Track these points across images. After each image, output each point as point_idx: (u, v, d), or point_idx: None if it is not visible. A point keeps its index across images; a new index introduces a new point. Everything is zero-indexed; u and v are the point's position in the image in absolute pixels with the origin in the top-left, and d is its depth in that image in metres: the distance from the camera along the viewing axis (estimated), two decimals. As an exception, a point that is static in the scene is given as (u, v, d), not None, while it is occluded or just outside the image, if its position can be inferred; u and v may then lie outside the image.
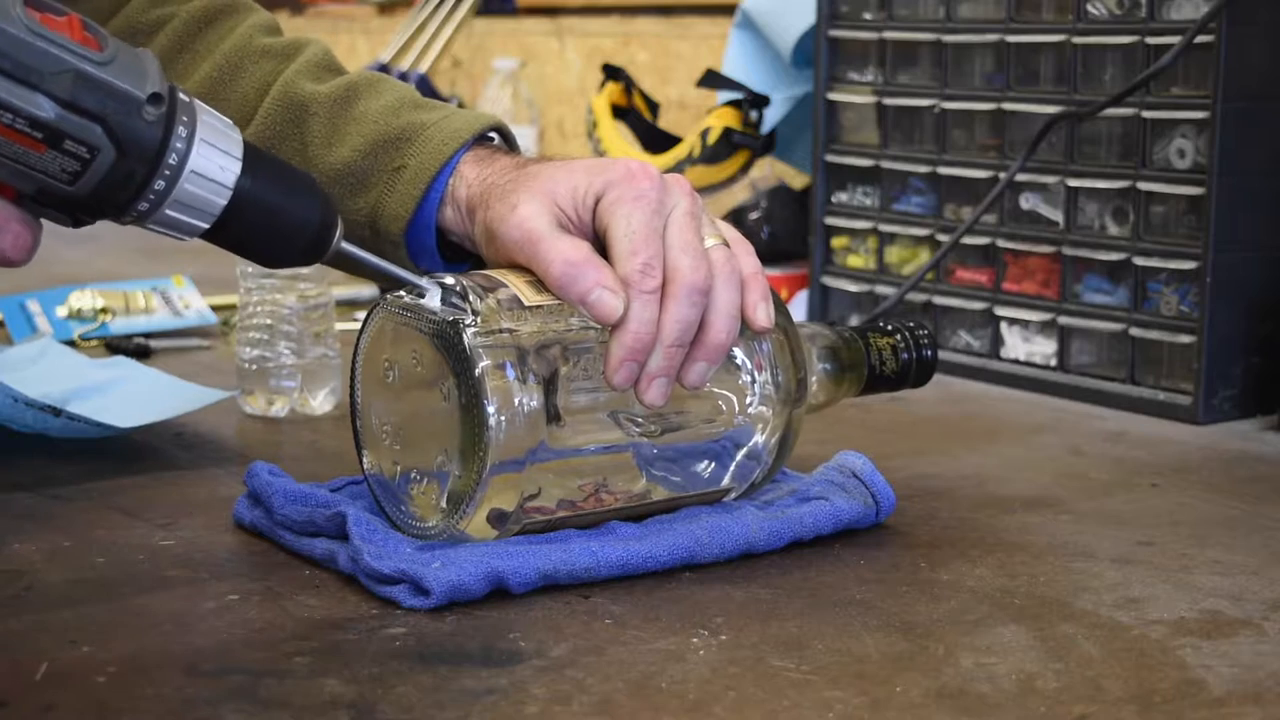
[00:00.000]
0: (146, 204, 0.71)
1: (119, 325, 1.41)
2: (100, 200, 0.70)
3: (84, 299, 1.43)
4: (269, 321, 1.12)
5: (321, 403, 1.14)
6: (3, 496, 0.92)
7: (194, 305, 1.47)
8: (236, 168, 0.73)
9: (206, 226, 0.73)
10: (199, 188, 0.72)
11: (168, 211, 0.72)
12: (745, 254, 0.84)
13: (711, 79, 1.73)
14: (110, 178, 0.69)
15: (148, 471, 0.98)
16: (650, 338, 0.78)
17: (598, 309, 0.78)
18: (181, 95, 0.72)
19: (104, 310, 1.42)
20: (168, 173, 0.70)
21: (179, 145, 0.71)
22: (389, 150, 0.89)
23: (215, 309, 1.48)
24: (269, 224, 0.74)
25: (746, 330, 0.83)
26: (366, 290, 1.58)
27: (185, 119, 0.71)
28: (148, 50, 0.72)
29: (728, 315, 0.80)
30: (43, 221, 0.71)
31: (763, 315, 0.82)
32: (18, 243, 0.70)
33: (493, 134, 0.92)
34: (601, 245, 0.81)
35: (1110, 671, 0.68)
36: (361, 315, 1.49)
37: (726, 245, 0.82)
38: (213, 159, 0.72)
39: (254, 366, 1.13)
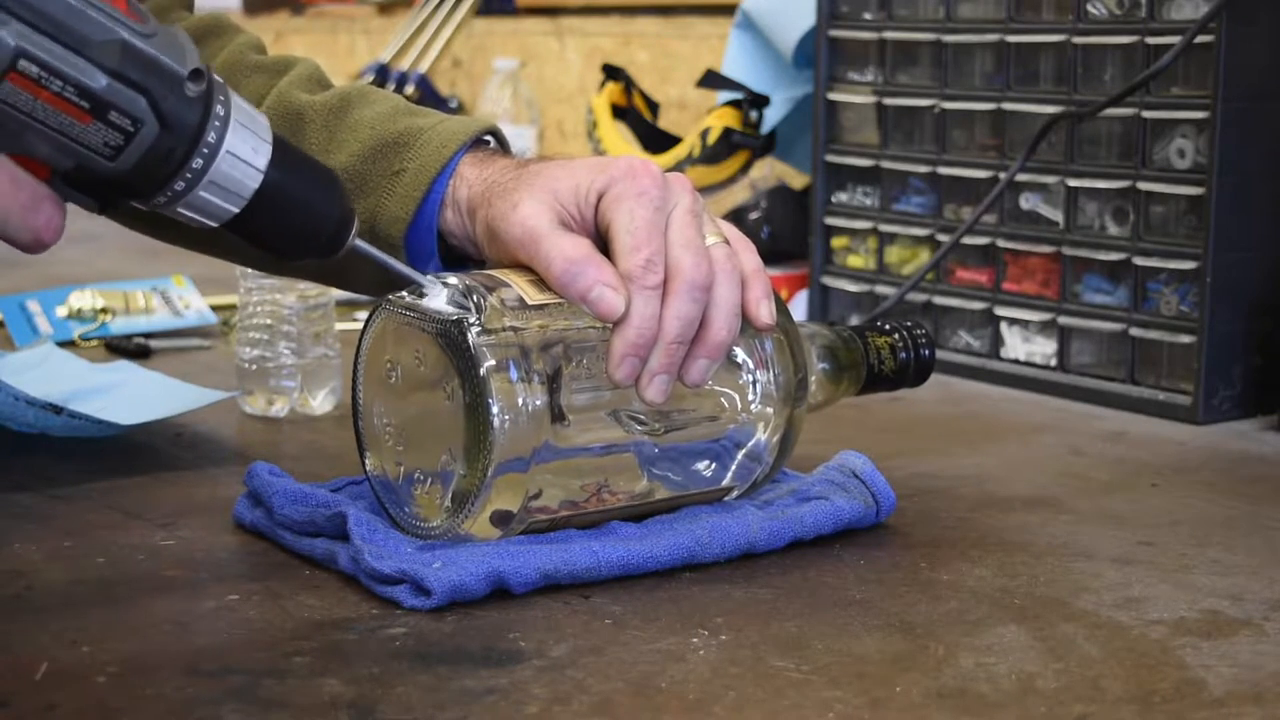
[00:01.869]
0: (183, 183, 0.71)
1: (119, 325, 1.41)
2: (138, 178, 0.70)
3: (84, 299, 1.43)
4: (269, 321, 1.12)
5: (321, 403, 1.14)
6: (3, 496, 0.92)
7: (194, 305, 1.47)
8: (268, 151, 0.73)
9: (236, 211, 0.73)
10: (233, 168, 0.72)
11: (201, 193, 0.71)
12: (747, 252, 0.84)
13: (711, 79, 1.73)
14: (151, 153, 0.69)
15: (148, 471, 0.98)
16: (652, 333, 0.78)
17: (599, 306, 0.78)
18: (215, 76, 0.72)
19: (104, 310, 1.42)
20: (206, 150, 0.70)
21: (216, 124, 0.71)
22: (387, 155, 0.89)
23: (215, 309, 1.48)
24: (292, 214, 0.74)
25: (748, 329, 0.83)
26: (366, 290, 1.58)
27: (221, 99, 0.71)
28: (182, 30, 0.72)
29: (729, 312, 0.80)
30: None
31: (765, 312, 0.82)
32: (50, 224, 0.69)
33: (488, 137, 0.92)
34: (603, 243, 0.81)
35: (1110, 671, 0.68)
36: (362, 315, 1.49)
37: (727, 243, 0.82)
38: (247, 140, 0.72)
39: (254, 366, 1.13)
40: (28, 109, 0.66)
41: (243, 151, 0.72)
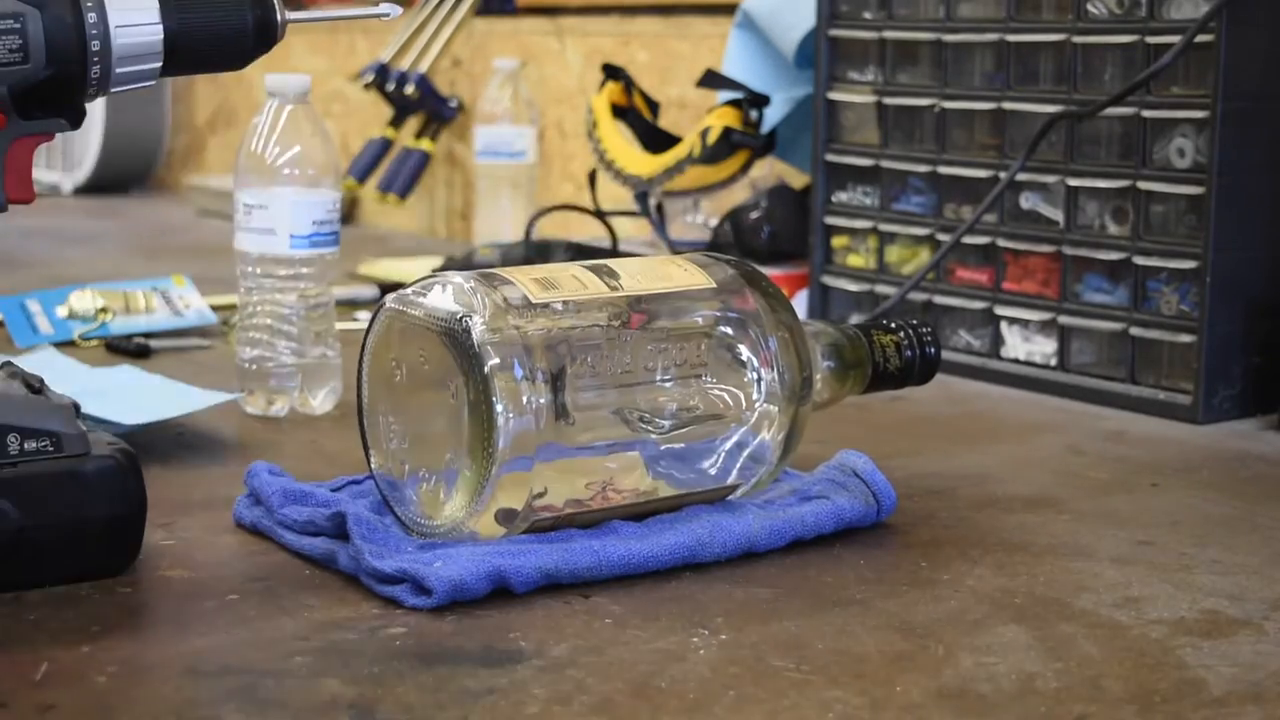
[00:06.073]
0: (97, 69, 0.75)
1: (119, 325, 1.41)
2: (60, 75, 0.74)
3: (84, 299, 1.43)
4: (269, 321, 1.12)
5: (321, 402, 1.14)
6: (3, 496, 0.92)
7: (194, 305, 1.47)
8: (154, 3, 0.77)
9: (159, 65, 0.77)
10: (131, 37, 0.76)
11: (119, 71, 0.76)
12: None
13: (711, 79, 1.73)
14: (51, 43, 0.74)
15: (148, 471, 0.98)
16: None
17: None
18: None
19: (104, 310, 1.42)
20: (95, 32, 0.75)
21: (89, 3, 0.75)
22: None
23: (215, 309, 1.48)
24: (213, 41, 0.78)
25: (753, 328, 0.83)
26: (367, 290, 1.58)
27: None
28: None
29: None
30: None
31: None
32: None
33: None
34: None
35: (1110, 671, 0.68)
36: (362, 315, 1.49)
37: None
38: (128, 3, 0.76)
39: (254, 366, 1.13)
40: None
41: (130, 18, 0.76)
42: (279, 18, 0.79)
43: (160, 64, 0.77)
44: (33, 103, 0.75)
